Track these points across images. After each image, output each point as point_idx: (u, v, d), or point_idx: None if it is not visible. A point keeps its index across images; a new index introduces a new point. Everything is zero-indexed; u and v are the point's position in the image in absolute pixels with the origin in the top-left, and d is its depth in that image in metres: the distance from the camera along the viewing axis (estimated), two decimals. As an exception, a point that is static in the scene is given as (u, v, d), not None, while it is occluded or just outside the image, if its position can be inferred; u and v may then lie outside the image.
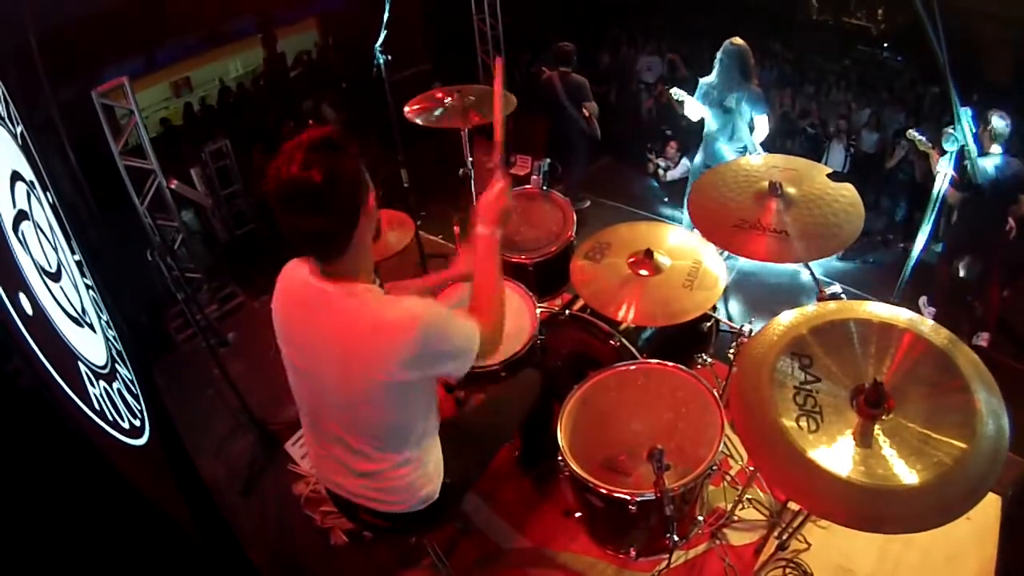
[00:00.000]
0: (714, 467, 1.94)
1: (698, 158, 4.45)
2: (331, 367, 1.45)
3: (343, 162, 1.32)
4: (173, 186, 4.23)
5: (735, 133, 4.10)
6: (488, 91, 3.26)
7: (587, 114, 4.99)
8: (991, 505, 2.35)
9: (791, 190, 2.17)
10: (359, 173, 1.37)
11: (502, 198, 1.66)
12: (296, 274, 1.51)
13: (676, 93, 4.26)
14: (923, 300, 4.35)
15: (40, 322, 1.32)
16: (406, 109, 3.25)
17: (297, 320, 1.50)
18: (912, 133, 3.80)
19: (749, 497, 2.43)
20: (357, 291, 1.42)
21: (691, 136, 5.31)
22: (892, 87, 6.94)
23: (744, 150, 4.13)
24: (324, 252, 1.42)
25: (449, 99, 3.22)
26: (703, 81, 4.16)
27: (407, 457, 1.58)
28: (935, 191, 3.48)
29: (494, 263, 1.64)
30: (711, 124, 4.19)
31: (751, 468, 2.44)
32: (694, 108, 4.16)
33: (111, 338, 1.92)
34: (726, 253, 2.39)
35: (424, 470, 1.64)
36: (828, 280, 4.24)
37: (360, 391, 1.44)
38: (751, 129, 4.10)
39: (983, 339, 4.07)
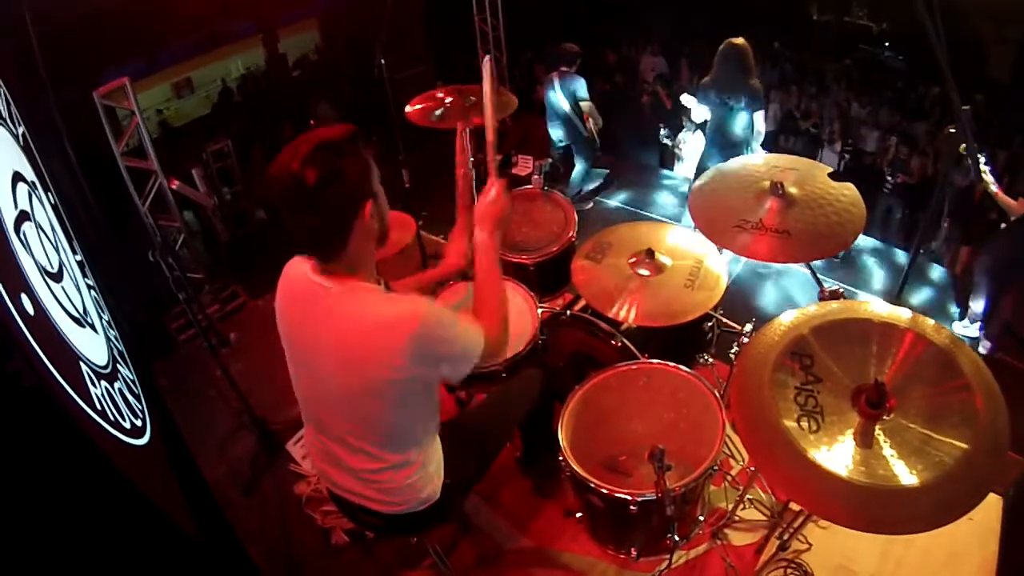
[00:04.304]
0: (715, 467, 1.94)
1: (700, 157, 4.46)
2: (331, 364, 1.45)
3: (343, 167, 1.30)
4: (174, 187, 4.24)
5: (736, 131, 4.11)
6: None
7: (585, 116, 4.98)
8: (992, 505, 2.35)
9: (792, 190, 2.17)
10: (359, 181, 1.35)
11: (499, 200, 1.63)
12: (297, 271, 1.50)
13: (685, 100, 4.30)
14: (962, 324, 4.30)
15: (42, 322, 1.32)
16: (407, 109, 3.25)
17: (296, 316, 1.50)
18: (982, 165, 3.63)
19: (750, 497, 2.43)
20: (357, 288, 1.42)
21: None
22: (893, 87, 6.93)
23: (745, 148, 4.13)
24: (317, 250, 1.41)
25: (450, 99, 3.22)
26: (703, 81, 4.17)
27: (408, 458, 1.58)
28: (938, 191, 3.47)
29: (494, 266, 1.63)
30: (712, 123, 4.20)
31: (752, 468, 2.43)
32: (698, 111, 4.19)
33: (112, 338, 1.92)
34: (727, 253, 2.39)
35: (425, 471, 1.63)
36: (829, 280, 4.26)
37: (361, 388, 1.44)
38: (751, 127, 4.11)
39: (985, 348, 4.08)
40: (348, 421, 1.53)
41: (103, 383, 1.53)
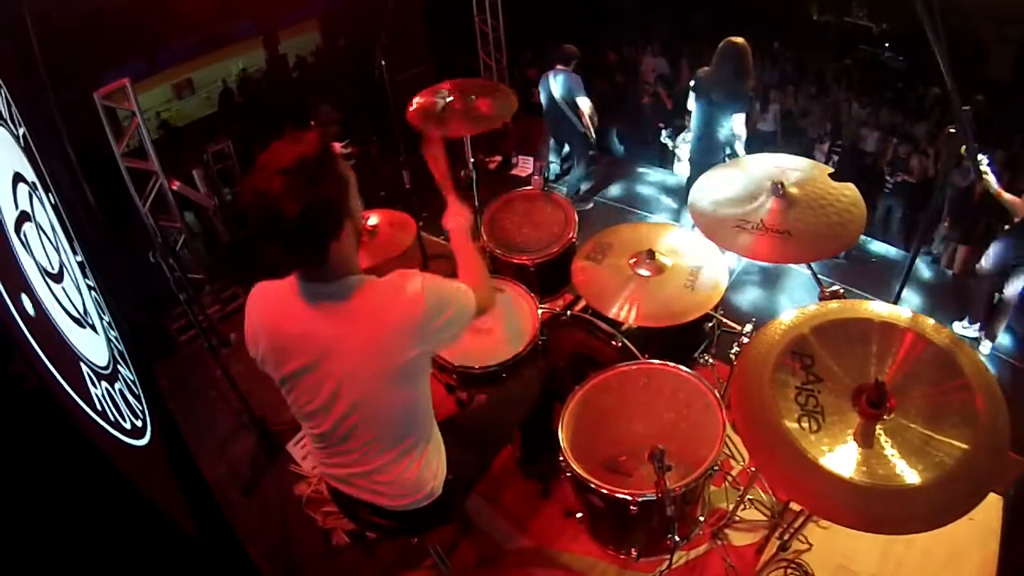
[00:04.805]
0: (715, 467, 1.94)
1: (691, 153, 4.47)
2: (349, 361, 1.45)
3: (321, 192, 1.29)
4: (175, 187, 4.24)
5: (714, 128, 4.09)
6: (490, 87, 3.27)
7: (581, 113, 5.00)
8: (992, 505, 2.35)
9: (793, 190, 2.17)
10: (339, 202, 1.34)
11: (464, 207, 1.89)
12: (278, 290, 1.50)
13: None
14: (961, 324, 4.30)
15: (42, 323, 1.32)
16: (410, 107, 3.26)
17: (301, 328, 1.47)
18: (983, 164, 3.65)
19: (750, 497, 2.43)
20: (355, 284, 1.44)
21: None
22: (893, 87, 6.93)
23: (727, 146, 4.12)
24: (298, 268, 1.44)
25: (451, 97, 3.22)
26: (697, 72, 4.18)
27: (415, 450, 1.60)
28: (938, 191, 3.47)
29: (470, 242, 1.83)
30: (695, 117, 4.20)
31: (752, 468, 2.43)
32: (690, 101, 4.21)
33: (113, 339, 1.92)
34: (727, 252, 2.39)
35: (429, 465, 1.65)
36: (829, 280, 4.25)
37: (379, 378, 1.46)
38: (731, 127, 4.08)
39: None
40: (361, 417, 1.53)
41: (103, 384, 1.53)
